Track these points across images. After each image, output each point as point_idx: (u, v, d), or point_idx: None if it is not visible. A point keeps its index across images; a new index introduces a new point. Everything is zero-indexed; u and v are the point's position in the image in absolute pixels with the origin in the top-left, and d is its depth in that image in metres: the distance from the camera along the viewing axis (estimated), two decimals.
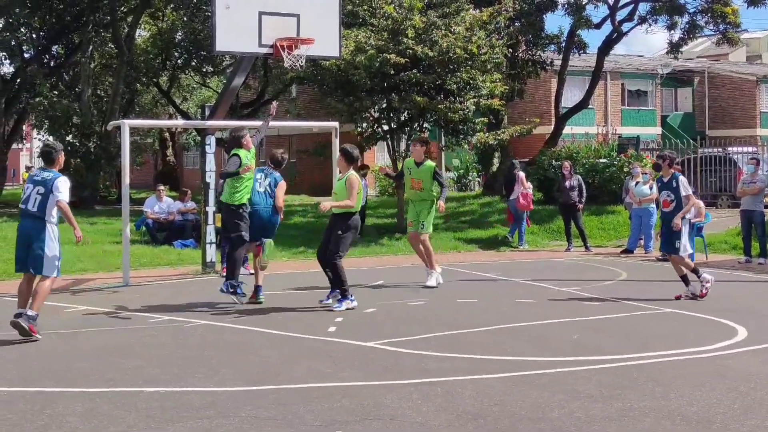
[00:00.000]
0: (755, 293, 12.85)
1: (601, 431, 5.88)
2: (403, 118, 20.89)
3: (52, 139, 29.12)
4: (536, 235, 20.31)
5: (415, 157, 12.93)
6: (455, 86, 19.59)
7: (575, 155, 23.37)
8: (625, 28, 26.85)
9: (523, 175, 19.52)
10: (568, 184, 18.64)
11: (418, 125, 21.03)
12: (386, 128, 21.03)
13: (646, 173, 17.70)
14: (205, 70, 36.24)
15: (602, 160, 23.30)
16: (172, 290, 12.60)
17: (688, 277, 11.46)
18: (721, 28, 25.97)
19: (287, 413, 6.27)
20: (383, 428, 5.96)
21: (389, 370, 7.60)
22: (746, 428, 5.92)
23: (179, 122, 34.21)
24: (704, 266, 15.26)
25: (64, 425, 6.04)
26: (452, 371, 7.49)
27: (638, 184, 17.63)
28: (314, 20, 13.22)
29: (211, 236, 14.22)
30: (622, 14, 26.56)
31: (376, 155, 35.06)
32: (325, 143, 19.81)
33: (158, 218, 18.77)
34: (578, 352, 8.33)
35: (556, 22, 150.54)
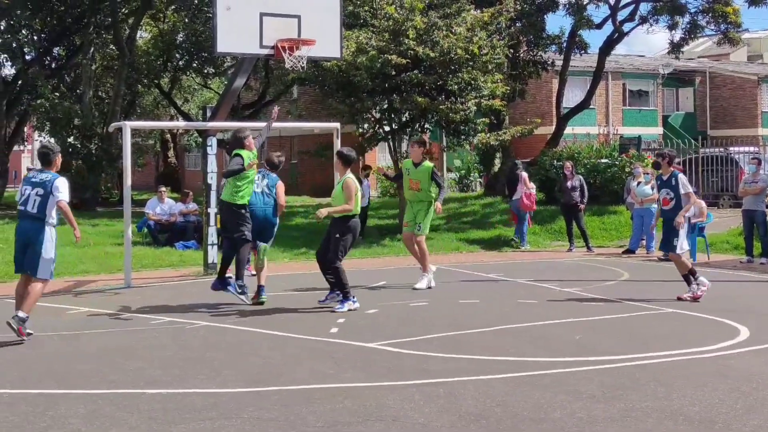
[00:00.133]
0: (757, 293, 12.84)
1: None
2: (404, 118, 20.90)
3: (53, 141, 29.19)
4: (538, 235, 20.30)
5: (413, 157, 12.93)
6: (456, 87, 19.59)
7: (577, 155, 23.35)
8: (626, 28, 26.85)
9: (526, 175, 19.50)
10: (569, 184, 18.63)
11: (419, 126, 21.02)
12: (387, 129, 21.03)
13: (647, 173, 17.71)
14: (206, 71, 36.26)
15: (604, 160, 23.28)
16: (173, 292, 12.61)
17: (694, 270, 11.43)
18: (722, 28, 25.94)
19: (289, 414, 6.27)
20: (386, 429, 5.96)
21: (391, 371, 7.60)
22: (749, 428, 5.92)
23: (180, 123, 34.23)
24: (706, 266, 15.31)
25: (66, 427, 6.04)
26: (454, 372, 7.48)
27: (640, 184, 17.64)
28: (315, 21, 13.22)
29: (212, 237, 14.21)
30: (623, 14, 26.60)
31: (377, 156, 35.05)
32: (326, 144, 19.80)
33: (160, 220, 18.79)
34: (580, 352, 8.33)
35: (557, 22, 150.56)
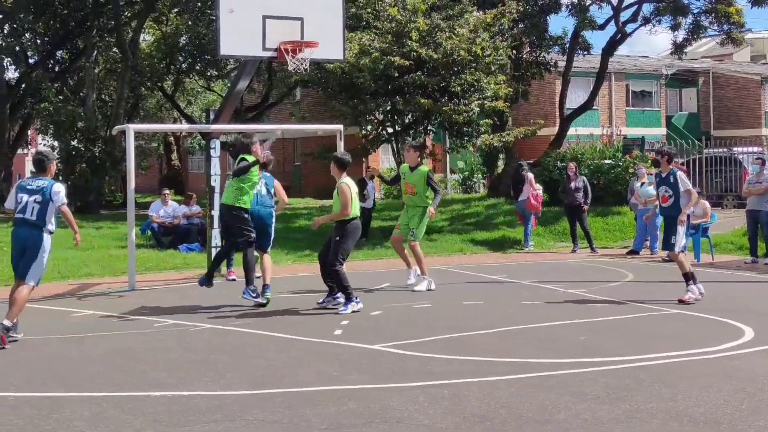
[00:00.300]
0: (762, 294, 12.81)
1: None
2: (407, 120, 20.92)
3: (57, 144, 29.27)
4: (542, 236, 20.28)
5: (408, 161, 12.90)
6: (459, 88, 19.60)
7: (580, 156, 23.35)
8: (629, 28, 26.82)
9: (532, 176, 19.51)
10: (573, 185, 18.62)
11: (422, 127, 21.05)
12: (391, 131, 21.06)
13: (651, 174, 17.68)
14: (209, 74, 36.30)
15: (607, 161, 23.27)
16: (177, 294, 12.61)
17: (695, 276, 11.40)
18: (725, 28, 25.88)
19: (294, 416, 6.27)
20: (390, 431, 5.95)
21: (395, 372, 7.60)
22: (754, 429, 5.90)
23: (184, 126, 34.27)
24: (710, 267, 15.29)
25: (71, 430, 6.05)
26: (458, 373, 7.48)
27: (643, 184, 17.61)
28: (318, 23, 13.24)
29: (216, 240, 14.20)
30: (626, 15, 26.53)
31: (380, 158, 35.07)
32: (329, 146, 19.82)
33: (163, 222, 18.79)
34: (584, 353, 8.32)
35: (560, 23, 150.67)
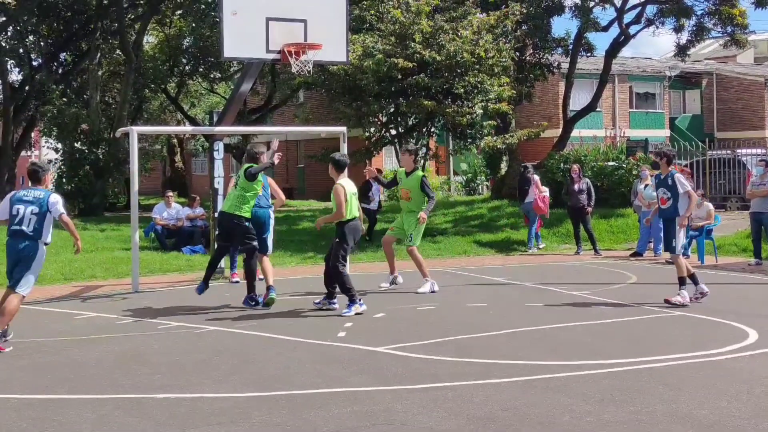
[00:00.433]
0: (766, 296, 12.78)
1: None
2: (410, 122, 20.92)
3: (60, 146, 29.33)
4: (545, 238, 20.24)
5: (404, 166, 12.90)
6: (463, 90, 19.60)
7: (583, 158, 23.32)
8: (632, 30, 26.77)
9: (538, 178, 19.51)
10: (576, 187, 18.60)
11: (425, 129, 21.04)
12: (394, 133, 21.05)
13: (653, 175, 17.65)
14: (212, 76, 36.32)
15: (611, 163, 23.24)
16: (181, 296, 12.61)
17: (696, 276, 11.37)
18: (728, 30, 25.85)
19: (298, 419, 6.27)
20: None
21: (399, 375, 7.59)
22: None
23: (187, 128, 34.32)
24: (714, 269, 15.27)
25: None
26: (462, 376, 7.47)
27: (647, 186, 17.59)
28: (321, 25, 13.25)
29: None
30: (629, 17, 26.50)
31: (384, 160, 35.08)
32: (333, 148, 19.80)
33: (167, 224, 18.81)
34: (588, 355, 8.31)
35: (563, 25, 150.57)
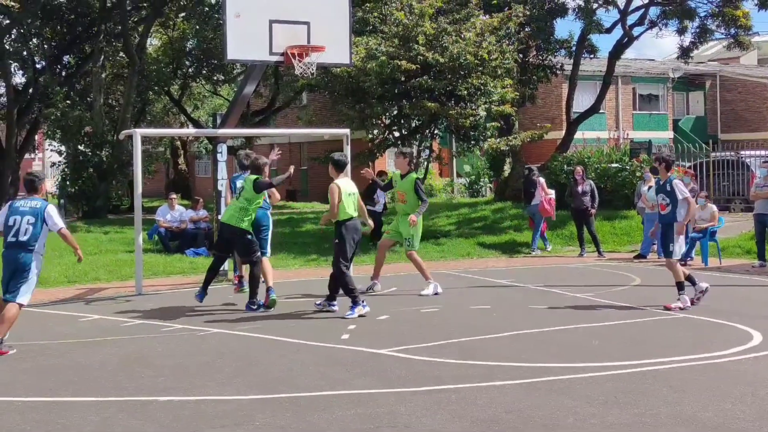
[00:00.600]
0: None
1: None
2: (414, 124, 20.90)
3: (64, 148, 29.36)
4: (548, 240, 20.24)
5: (399, 168, 12.90)
6: (466, 92, 19.57)
7: (587, 160, 23.30)
8: (635, 32, 26.75)
9: (543, 180, 19.51)
10: (580, 189, 18.59)
11: (429, 131, 21.02)
12: (397, 135, 21.03)
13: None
14: (216, 78, 36.32)
15: (614, 164, 23.22)
16: (184, 299, 12.61)
17: (692, 276, 11.32)
18: (732, 31, 25.80)
19: (301, 421, 6.27)
20: None
21: (403, 377, 7.59)
22: None
23: (191, 131, 34.33)
24: (718, 271, 15.25)
25: None
26: (466, 378, 7.47)
27: (651, 188, 17.55)
28: (325, 28, 13.25)
29: None
30: (632, 18, 26.45)
31: (387, 162, 35.07)
32: (336, 150, 19.79)
33: (170, 227, 18.82)
34: (592, 358, 8.30)
35: (566, 26, 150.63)
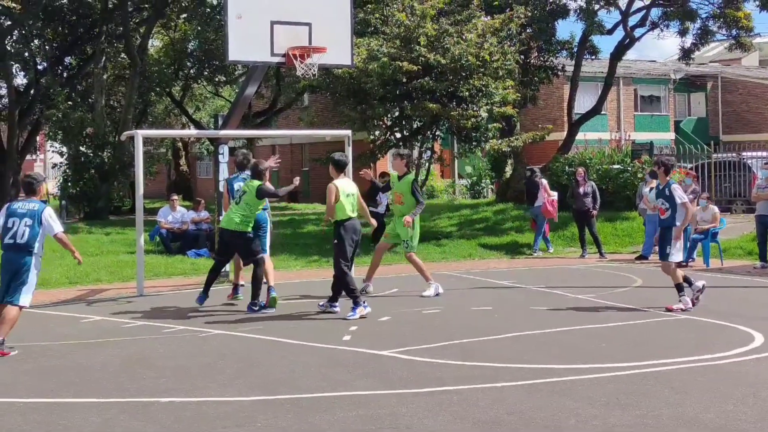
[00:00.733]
0: None
1: None
2: (415, 125, 20.89)
3: (66, 149, 29.38)
4: (550, 242, 20.23)
5: (396, 170, 12.89)
6: (468, 93, 19.56)
7: (588, 161, 23.30)
8: (637, 33, 26.73)
9: (546, 182, 19.51)
10: (582, 190, 18.58)
11: (430, 132, 21.01)
12: (399, 136, 21.02)
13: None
14: (217, 79, 36.31)
15: (616, 166, 23.21)
16: (186, 300, 12.59)
17: (688, 276, 11.31)
18: (733, 33, 25.78)
19: (303, 423, 6.26)
20: None
21: (404, 378, 7.58)
22: None
23: (192, 132, 34.37)
24: (719, 272, 15.24)
25: None
26: (468, 379, 7.46)
27: (652, 189, 17.54)
28: (326, 29, 13.26)
29: None
30: (634, 20, 26.44)
31: (388, 163, 35.06)
32: (338, 151, 19.79)
33: (172, 228, 18.81)
34: (594, 359, 8.29)
35: (568, 27, 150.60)
